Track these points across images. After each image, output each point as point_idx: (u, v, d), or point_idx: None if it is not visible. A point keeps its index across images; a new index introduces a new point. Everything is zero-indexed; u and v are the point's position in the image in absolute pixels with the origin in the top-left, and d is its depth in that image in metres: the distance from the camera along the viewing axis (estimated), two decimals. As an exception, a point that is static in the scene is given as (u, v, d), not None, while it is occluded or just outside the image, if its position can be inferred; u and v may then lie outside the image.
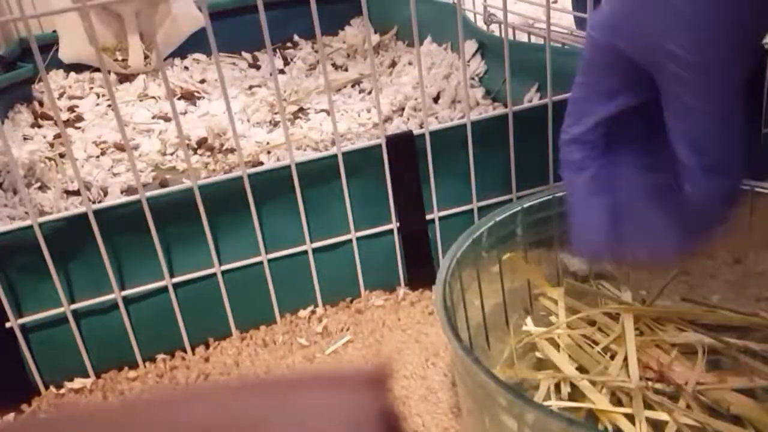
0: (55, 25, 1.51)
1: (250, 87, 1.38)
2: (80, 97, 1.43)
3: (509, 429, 0.43)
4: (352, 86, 1.35)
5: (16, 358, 0.66)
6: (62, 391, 0.68)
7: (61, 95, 1.44)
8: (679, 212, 0.44)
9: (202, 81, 1.47)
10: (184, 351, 0.71)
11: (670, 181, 0.44)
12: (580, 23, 1.03)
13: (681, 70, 0.40)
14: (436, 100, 1.16)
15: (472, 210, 0.75)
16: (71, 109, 1.37)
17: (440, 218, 0.74)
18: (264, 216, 0.70)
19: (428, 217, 0.74)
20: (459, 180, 0.74)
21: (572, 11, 1.00)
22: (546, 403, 0.55)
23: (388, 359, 0.66)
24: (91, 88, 1.48)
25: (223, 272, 0.69)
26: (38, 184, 1.03)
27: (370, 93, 1.29)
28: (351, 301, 0.75)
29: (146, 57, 1.52)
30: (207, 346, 0.71)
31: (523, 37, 1.27)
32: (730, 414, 0.53)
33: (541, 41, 1.18)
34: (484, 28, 1.29)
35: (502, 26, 0.74)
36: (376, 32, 1.54)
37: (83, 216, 0.64)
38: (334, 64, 1.51)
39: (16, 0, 0.74)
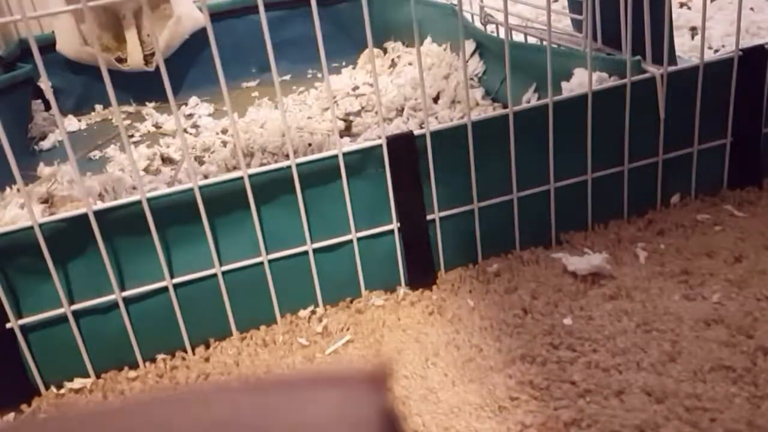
0: (53, 26, 1.51)
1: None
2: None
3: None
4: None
5: (16, 359, 0.66)
6: (62, 391, 0.68)
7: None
8: None
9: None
10: (184, 351, 0.71)
11: None
12: (576, 25, 1.03)
13: None
14: (435, 100, 1.16)
15: (472, 210, 0.75)
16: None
17: (440, 218, 0.74)
18: (264, 216, 0.70)
19: (428, 217, 0.74)
20: (459, 180, 0.74)
21: (568, 13, 1.00)
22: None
23: (388, 359, 0.66)
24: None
25: (223, 272, 0.69)
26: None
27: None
28: (351, 301, 0.75)
29: (151, 56, 1.51)
30: (207, 346, 0.71)
31: (519, 38, 1.27)
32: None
33: (537, 42, 1.18)
34: (481, 28, 1.29)
35: (499, 27, 0.74)
36: (376, 34, 1.54)
37: (83, 216, 0.64)
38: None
39: (16, 0, 0.75)
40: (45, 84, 0.61)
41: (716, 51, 1.20)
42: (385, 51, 1.52)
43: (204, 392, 0.20)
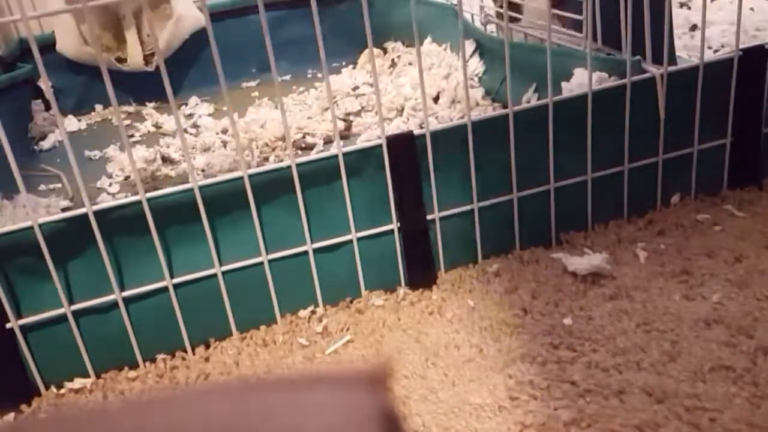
0: (53, 25, 1.51)
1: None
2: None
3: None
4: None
5: (16, 359, 0.66)
6: (62, 391, 0.68)
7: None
8: None
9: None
10: (184, 351, 0.71)
11: None
12: (576, 25, 1.03)
13: None
14: (435, 100, 1.16)
15: (472, 210, 0.75)
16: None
17: (440, 218, 0.74)
18: (264, 216, 0.70)
19: (428, 217, 0.74)
20: (459, 180, 0.74)
21: (568, 13, 1.00)
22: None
23: (388, 359, 0.66)
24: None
25: (223, 272, 0.69)
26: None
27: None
28: (351, 301, 0.75)
29: (151, 56, 1.51)
30: (207, 346, 0.71)
31: (519, 38, 1.27)
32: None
33: (537, 42, 1.18)
34: (481, 28, 1.29)
35: (500, 27, 0.74)
36: (376, 34, 1.54)
37: (83, 216, 0.64)
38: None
39: (16, 0, 0.75)
40: (45, 84, 0.61)
41: (716, 51, 1.20)
42: (385, 51, 1.52)
43: (204, 392, 0.20)
